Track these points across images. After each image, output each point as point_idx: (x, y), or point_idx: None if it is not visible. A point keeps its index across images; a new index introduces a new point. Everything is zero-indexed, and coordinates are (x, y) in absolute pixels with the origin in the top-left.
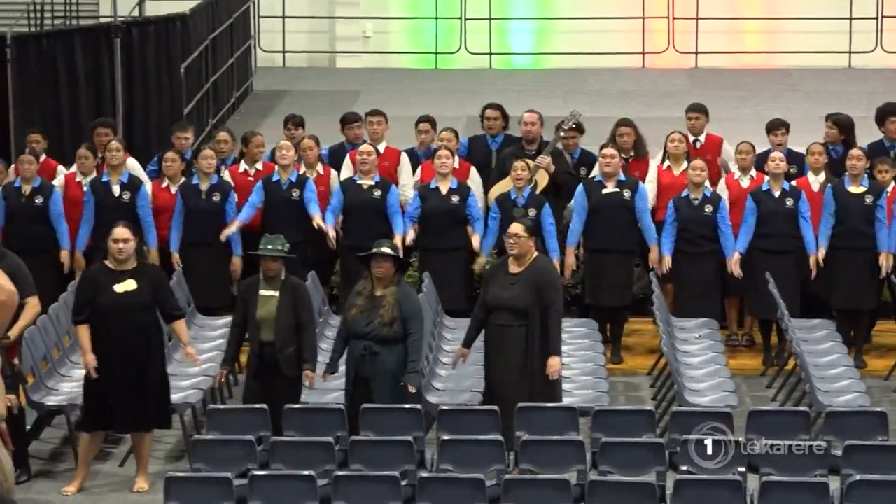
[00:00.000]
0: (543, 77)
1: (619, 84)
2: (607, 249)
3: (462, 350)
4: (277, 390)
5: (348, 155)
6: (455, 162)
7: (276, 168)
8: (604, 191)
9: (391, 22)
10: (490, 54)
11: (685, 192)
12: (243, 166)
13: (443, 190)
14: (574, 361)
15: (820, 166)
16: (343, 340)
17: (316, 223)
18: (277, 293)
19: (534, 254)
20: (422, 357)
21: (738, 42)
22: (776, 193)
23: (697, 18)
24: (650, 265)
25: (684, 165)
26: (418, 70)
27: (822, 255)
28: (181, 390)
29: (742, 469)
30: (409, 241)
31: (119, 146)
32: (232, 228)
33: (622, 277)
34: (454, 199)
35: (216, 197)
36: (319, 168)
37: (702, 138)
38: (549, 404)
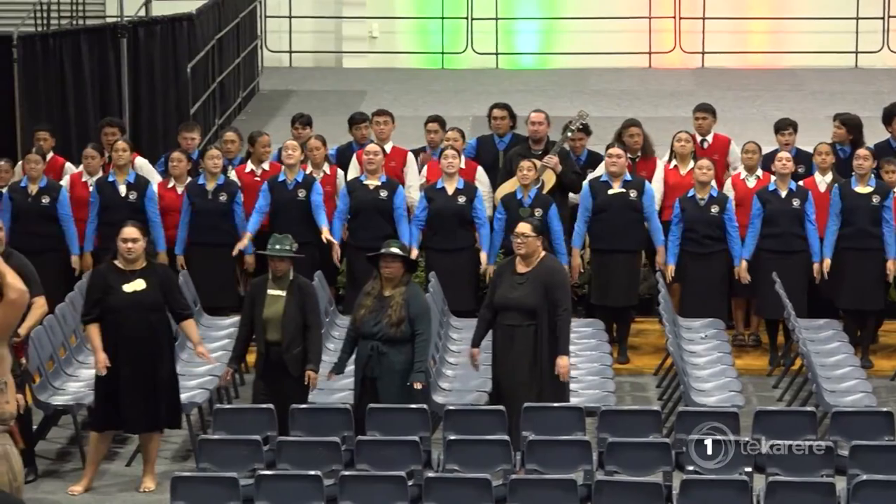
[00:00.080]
0: (550, 77)
1: (626, 84)
2: (613, 250)
3: (474, 351)
4: (284, 390)
5: (355, 155)
6: (461, 162)
7: (283, 168)
8: (610, 191)
9: (398, 22)
10: (496, 54)
11: (691, 192)
12: (250, 166)
13: (449, 190)
14: (580, 361)
15: (827, 166)
16: (352, 341)
17: (324, 237)
18: (285, 293)
19: (541, 253)
20: (428, 357)
21: (745, 42)
22: (783, 194)
23: (704, 18)
24: (657, 266)
25: (691, 165)
26: (425, 70)
27: (828, 267)
28: (188, 390)
29: (748, 469)
30: (415, 255)
31: (125, 146)
32: (244, 242)
33: (628, 277)
34: (461, 200)
35: (223, 197)
36: (326, 168)
37: (709, 138)
38: (556, 404)
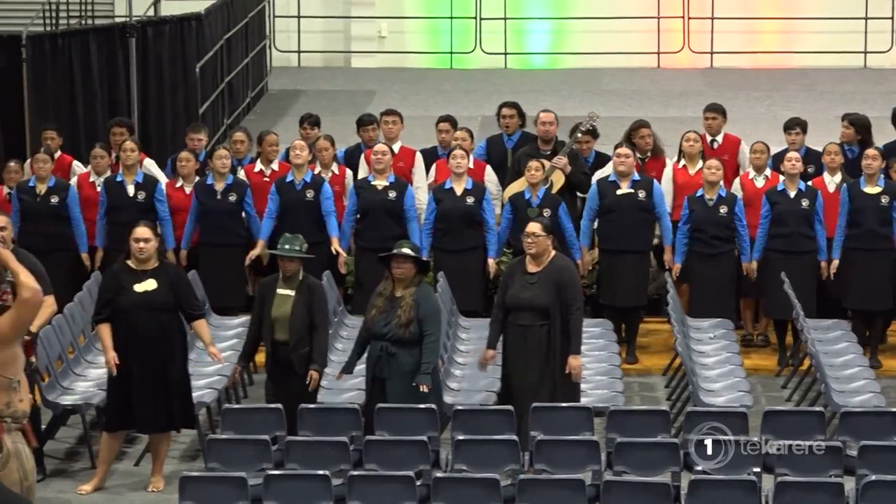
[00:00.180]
0: (558, 77)
1: (635, 84)
2: (622, 250)
3: (489, 353)
4: (292, 389)
5: (363, 155)
6: (470, 162)
7: (291, 168)
8: (618, 191)
9: (406, 22)
10: (505, 54)
11: (699, 192)
12: (259, 166)
13: (457, 191)
14: (589, 361)
15: (836, 166)
16: (363, 341)
17: (333, 248)
18: (294, 293)
19: (552, 252)
20: (436, 359)
21: (754, 42)
22: (791, 194)
23: (713, 18)
24: (666, 265)
25: (699, 165)
26: (433, 70)
27: (835, 268)
28: (196, 389)
29: (757, 469)
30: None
31: (134, 146)
32: (258, 249)
33: (637, 278)
34: (469, 201)
35: (232, 197)
36: (335, 168)
37: (719, 138)
38: (564, 404)
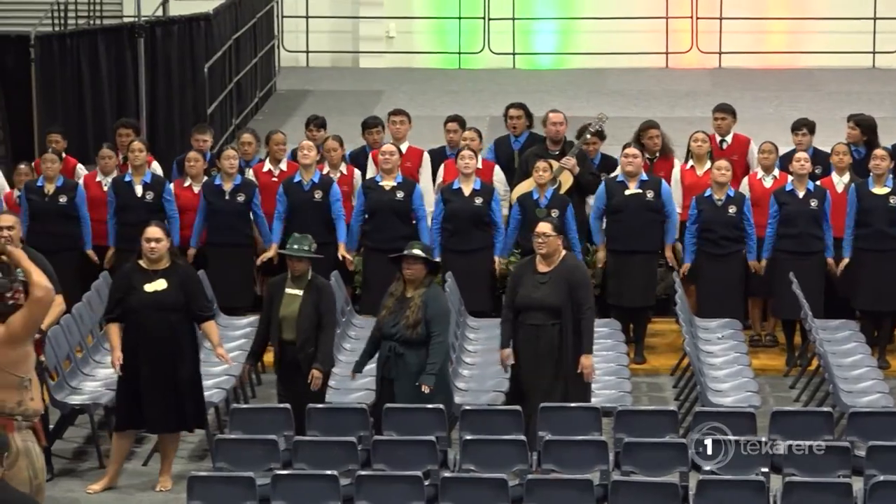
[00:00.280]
0: (566, 77)
1: (643, 84)
2: (630, 250)
3: (505, 352)
4: (299, 389)
5: (371, 154)
6: (478, 162)
7: (299, 168)
8: (626, 192)
9: (415, 22)
10: (513, 54)
11: (708, 192)
12: (267, 166)
13: (465, 191)
14: (597, 361)
15: (844, 166)
16: (374, 341)
17: (341, 254)
18: (302, 293)
19: (562, 252)
20: (441, 360)
21: (762, 42)
22: (800, 194)
23: (721, 18)
24: (668, 261)
25: (708, 165)
26: (442, 70)
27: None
28: (205, 389)
29: (765, 469)
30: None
31: (142, 146)
32: (271, 252)
33: (645, 278)
34: (477, 201)
35: (240, 197)
36: (343, 168)
37: (729, 139)
38: (572, 404)
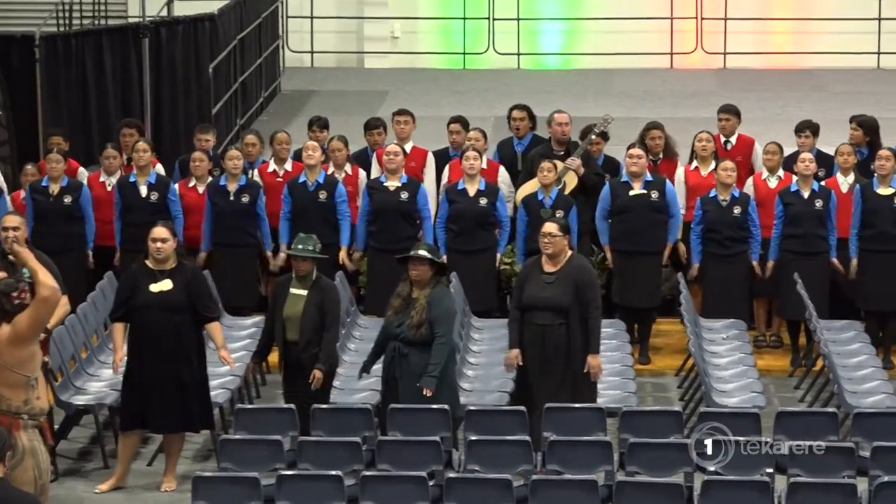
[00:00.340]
0: (571, 77)
1: (648, 84)
2: (635, 251)
3: (514, 352)
4: (303, 389)
5: (375, 154)
6: (483, 162)
7: (304, 169)
8: (631, 192)
9: (419, 22)
10: (518, 55)
11: (713, 193)
12: (272, 166)
13: (470, 192)
14: (602, 362)
15: (849, 167)
16: (382, 342)
17: (341, 258)
18: (307, 292)
19: (568, 252)
20: (442, 361)
21: (767, 43)
22: (805, 194)
23: (726, 19)
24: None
25: (712, 166)
26: (446, 70)
27: (855, 267)
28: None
29: (770, 470)
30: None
31: (146, 147)
32: (283, 256)
33: (650, 278)
34: (482, 202)
35: (245, 198)
36: (348, 168)
37: (733, 140)
38: (577, 405)
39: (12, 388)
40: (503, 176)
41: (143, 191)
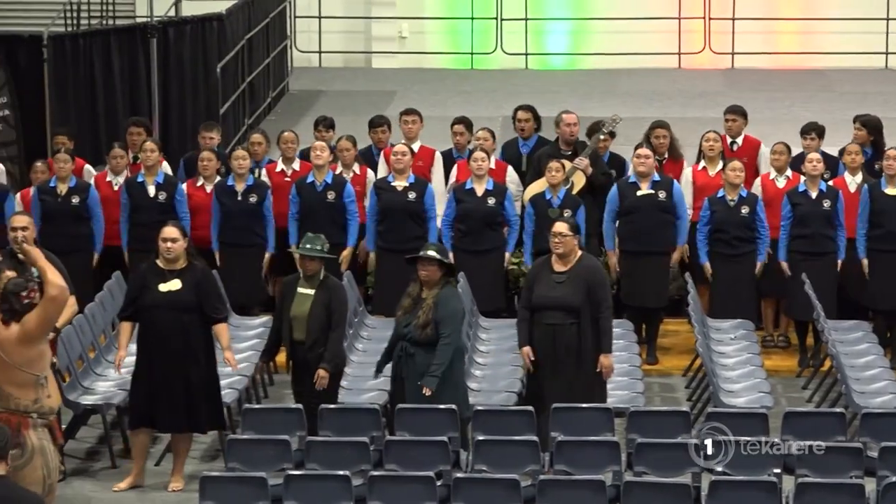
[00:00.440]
0: (579, 77)
1: (655, 85)
2: (643, 251)
3: (527, 350)
4: (310, 389)
5: (382, 154)
6: (492, 162)
7: (312, 169)
8: (638, 192)
9: (427, 22)
10: (526, 55)
11: (720, 193)
12: (280, 166)
13: (478, 192)
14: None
15: (857, 166)
16: (394, 342)
17: (342, 258)
18: (314, 292)
19: (578, 252)
20: (446, 362)
21: (775, 43)
22: (813, 195)
23: (734, 19)
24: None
25: (720, 166)
26: (454, 70)
27: (866, 267)
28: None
29: (777, 470)
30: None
31: (154, 146)
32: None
33: (657, 279)
34: (490, 202)
35: (252, 198)
36: (356, 168)
37: (739, 141)
38: (585, 405)
39: (21, 387)
40: (511, 175)
41: (151, 191)
